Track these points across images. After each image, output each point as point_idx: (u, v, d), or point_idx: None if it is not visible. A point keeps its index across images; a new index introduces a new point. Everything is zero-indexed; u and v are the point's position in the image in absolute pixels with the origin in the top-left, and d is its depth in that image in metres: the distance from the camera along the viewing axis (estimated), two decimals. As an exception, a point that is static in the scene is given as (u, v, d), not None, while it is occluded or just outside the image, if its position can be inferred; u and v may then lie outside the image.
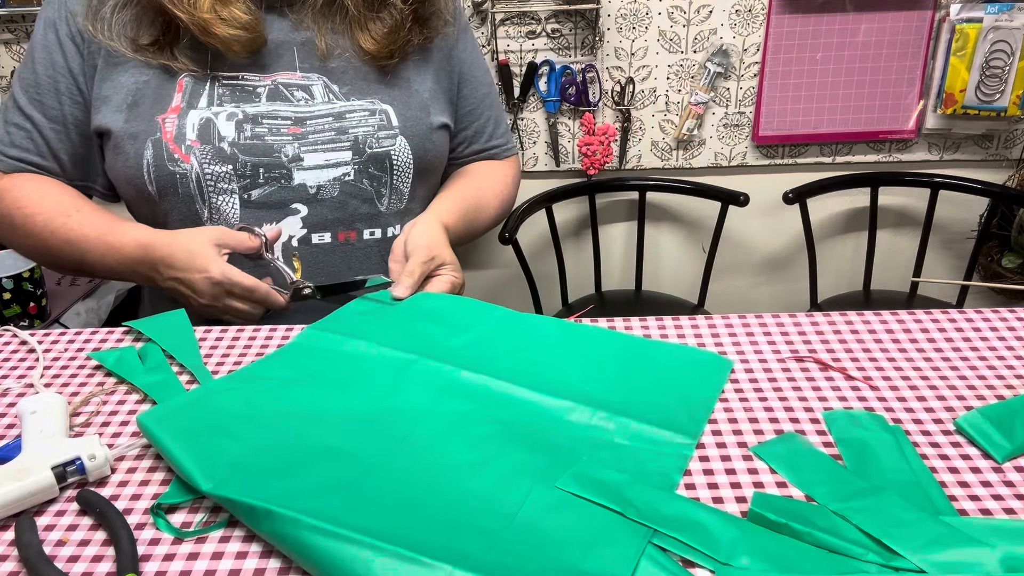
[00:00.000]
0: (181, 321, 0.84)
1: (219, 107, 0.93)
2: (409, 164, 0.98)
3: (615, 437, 0.65)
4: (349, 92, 0.96)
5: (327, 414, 0.67)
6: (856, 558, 0.52)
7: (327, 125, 0.94)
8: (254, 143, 0.92)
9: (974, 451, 0.63)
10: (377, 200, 0.97)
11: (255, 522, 0.55)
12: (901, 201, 2.04)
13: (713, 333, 0.81)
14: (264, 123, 0.93)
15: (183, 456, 0.61)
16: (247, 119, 0.93)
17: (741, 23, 1.83)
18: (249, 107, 0.93)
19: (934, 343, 0.78)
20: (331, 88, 0.96)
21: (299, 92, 0.95)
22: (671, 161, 1.98)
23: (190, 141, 0.92)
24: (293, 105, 0.94)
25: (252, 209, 0.94)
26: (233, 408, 0.68)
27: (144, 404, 0.72)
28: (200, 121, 0.92)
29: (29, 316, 1.53)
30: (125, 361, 0.78)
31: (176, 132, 0.92)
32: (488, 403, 0.68)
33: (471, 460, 0.61)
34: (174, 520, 0.58)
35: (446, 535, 0.53)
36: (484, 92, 1.11)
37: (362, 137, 0.95)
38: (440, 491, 0.58)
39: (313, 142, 0.93)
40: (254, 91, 0.94)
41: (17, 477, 0.59)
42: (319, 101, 0.95)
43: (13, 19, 1.85)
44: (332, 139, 0.94)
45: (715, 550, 0.53)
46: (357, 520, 0.54)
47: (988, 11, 1.74)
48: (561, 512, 0.56)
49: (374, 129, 0.95)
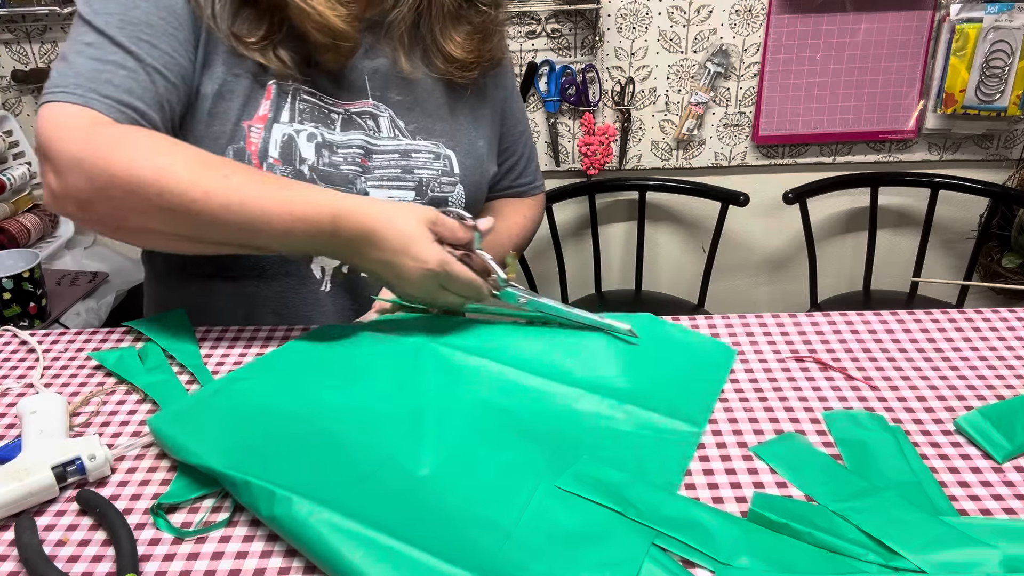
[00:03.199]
0: (181, 321, 0.84)
1: (300, 125, 0.88)
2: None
3: (624, 425, 0.66)
4: (415, 131, 0.93)
5: (338, 405, 0.68)
6: (856, 558, 0.52)
7: (393, 162, 0.92)
8: (331, 171, 0.88)
9: (974, 451, 0.63)
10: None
11: (269, 506, 0.55)
12: (901, 201, 2.04)
13: (713, 333, 0.81)
14: (339, 152, 0.89)
15: (195, 443, 0.61)
16: (325, 144, 0.89)
17: (741, 23, 1.83)
18: (327, 132, 0.89)
19: (934, 343, 0.78)
20: (397, 123, 0.92)
21: (369, 121, 0.92)
22: (671, 161, 1.98)
23: (272, 159, 0.85)
24: (365, 134, 0.90)
25: None
26: (245, 399, 0.68)
27: (144, 404, 0.72)
28: (283, 138, 0.86)
29: (29, 316, 1.53)
30: (125, 361, 0.78)
31: (261, 146, 0.84)
32: (498, 391, 0.69)
33: (480, 452, 0.62)
34: (174, 520, 0.58)
35: (458, 528, 0.54)
36: (521, 129, 1.09)
37: (426, 180, 0.92)
38: (450, 483, 0.59)
39: (379, 177, 0.90)
40: (329, 114, 0.90)
41: (17, 477, 0.59)
42: (385, 135, 0.93)
43: (13, 19, 1.85)
44: (398, 177, 0.91)
45: (715, 550, 0.53)
46: (369, 512, 0.54)
47: (988, 11, 1.74)
48: (569, 506, 0.57)
49: (438, 174, 0.93)
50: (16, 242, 1.78)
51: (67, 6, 1.81)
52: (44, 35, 1.87)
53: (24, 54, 1.89)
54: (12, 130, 1.90)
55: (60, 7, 1.79)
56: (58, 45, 1.88)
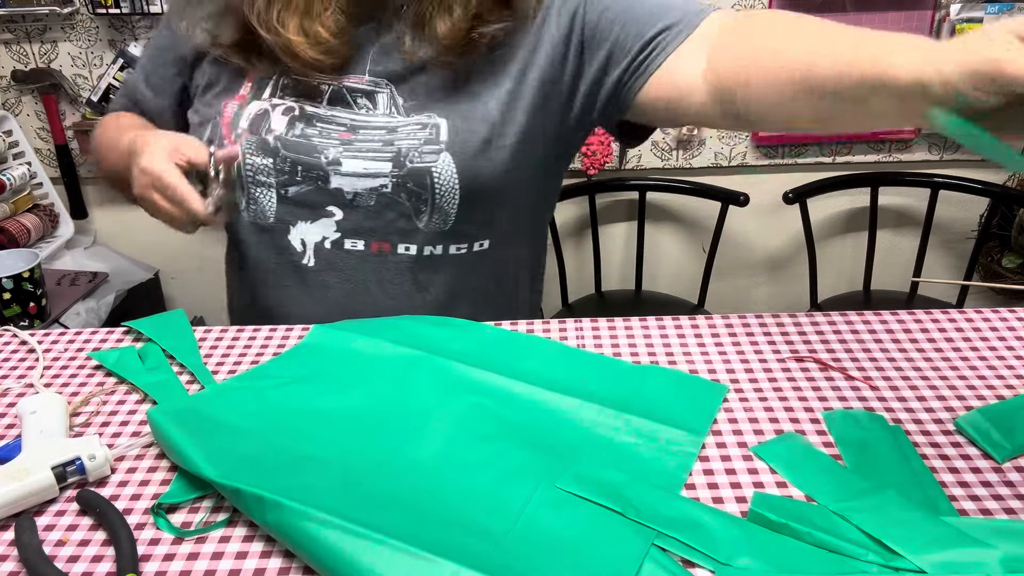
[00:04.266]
0: (180, 321, 0.84)
1: (280, 100, 0.92)
2: (454, 184, 0.90)
3: (621, 435, 0.65)
4: (412, 108, 0.92)
5: (336, 412, 0.68)
6: (856, 558, 0.52)
7: (378, 137, 0.92)
8: (299, 141, 0.90)
9: (974, 451, 0.63)
10: (416, 216, 0.92)
11: (261, 512, 0.55)
12: (901, 201, 2.04)
13: (713, 333, 0.81)
14: (317, 125, 0.91)
15: (191, 448, 0.61)
16: (302, 117, 0.91)
17: (741, 23, 1.83)
18: (308, 105, 0.92)
19: (934, 343, 0.78)
20: (396, 100, 0.91)
21: (363, 99, 0.92)
22: (671, 161, 1.98)
23: (241, 129, 0.92)
24: (352, 112, 0.91)
25: (288, 206, 0.92)
26: (243, 406, 0.68)
27: (144, 404, 0.72)
28: (257, 111, 0.92)
29: (29, 316, 1.53)
30: (125, 361, 0.78)
31: (233, 119, 0.92)
32: (495, 400, 0.69)
33: (476, 459, 0.62)
34: (174, 520, 0.58)
35: (451, 533, 0.54)
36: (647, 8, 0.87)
37: (405, 150, 0.90)
38: (445, 490, 0.59)
39: (358, 149, 0.91)
40: (318, 87, 0.92)
41: (17, 477, 0.59)
42: (380, 112, 0.92)
43: (13, 19, 1.85)
44: (377, 149, 0.92)
45: (715, 550, 0.53)
46: (364, 516, 0.54)
47: (988, 11, 1.73)
48: (565, 511, 0.57)
49: (419, 143, 0.90)
50: (16, 242, 1.78)
51: (67, 6, 1.81)
52: (44, 35, 1.87)
53: (24, 54, 1.89)
54: (12, 130, 1.90)
55: (60, 7, 1.79)
56: (58, 45, 1.88)
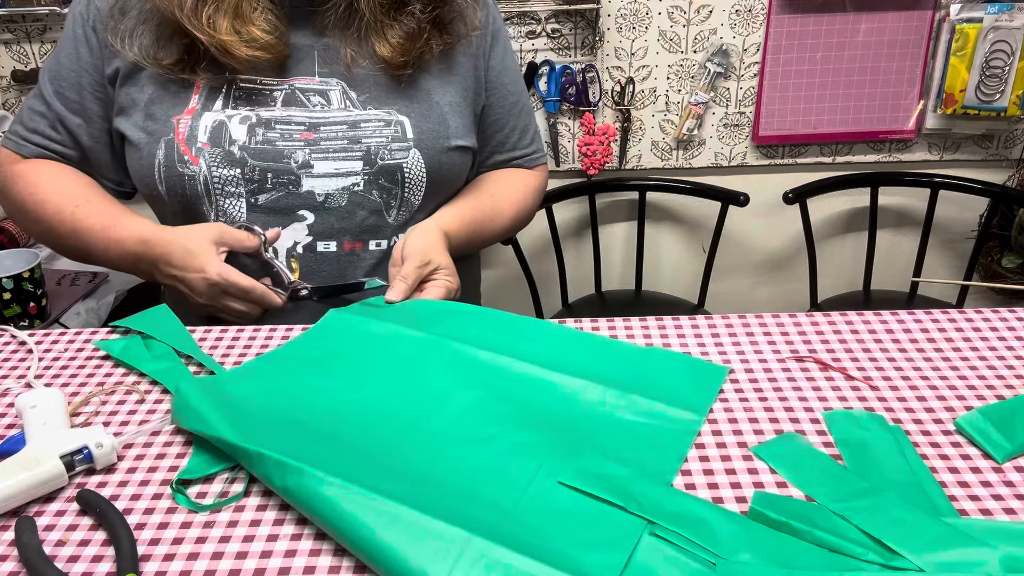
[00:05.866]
0: (167, 316, 0.84)
1: (234, 110, 0.93)
2: (422, 178, 0.97)
3: (625, 413, 0.67)
4: (367, 100, 0.95)
5: (352, 390, 0.70)
6: (856, 558, 0.53)
7: (340, 133, 0.93)
8: (264, 148, 0.91)
9: (974, 451, 0.63)
10: (385, 211, 0.96)
11: (282, 477, 0.57)
12: (901, 201, 2.04)
13: (713, 333, 0.81)
14: (277, 128, 0.92)
15: (214, 415, 0.63)
16: (260, 123, 0.93)
17: (741, 23, 1.83)
18: (263, 111, 0.93)
19: (934, 343, 0.78)
20: (349, 95, 0.94)
21: (316, 97, 0.94)
22: (671, 161, 1.98)
23: (201, 143, 0.92)
24: (308, 111, 0.93)
25: (259, 214, 0.94)
26: (263, 383, 0.71)
27: (144, 404, 0.72)
28: (213, 124, 0.92)
29: (29, 316, 1.53)
30: (131, 350, 0.79)
31: (188, 133, 0.92)
32: (504, 381, 0.71)
33: (486, 436, 0.64)
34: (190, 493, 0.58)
35: (463, 504, 0.56)
36: (512, 101, 1.08)
37: (375, 148, 0.94)
38: (457, 464, 0.61)
39: (325, 149, 0.93)
40: (270, 94, 0.93)
41: (27, 467, 0.60)
42: (335, 107, 0.94)
43: (13, 19, 1.85)
44: (344, 148, 0.93)
45: (716, 545, 0.53)
46: (381, 485, 0.56)
47: (988, 11, 1.73)
48: (569, 490, 0.59)
49: (387, 140, 0.94)
50: (16, 242, 1.78)
51: (67, 6, 1.81)
52: (44, 35, 1.87)
53: (24, 54, 1.89)
54: (12, 130, 1.90)
55: (60, 7, 1.79)
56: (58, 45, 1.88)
